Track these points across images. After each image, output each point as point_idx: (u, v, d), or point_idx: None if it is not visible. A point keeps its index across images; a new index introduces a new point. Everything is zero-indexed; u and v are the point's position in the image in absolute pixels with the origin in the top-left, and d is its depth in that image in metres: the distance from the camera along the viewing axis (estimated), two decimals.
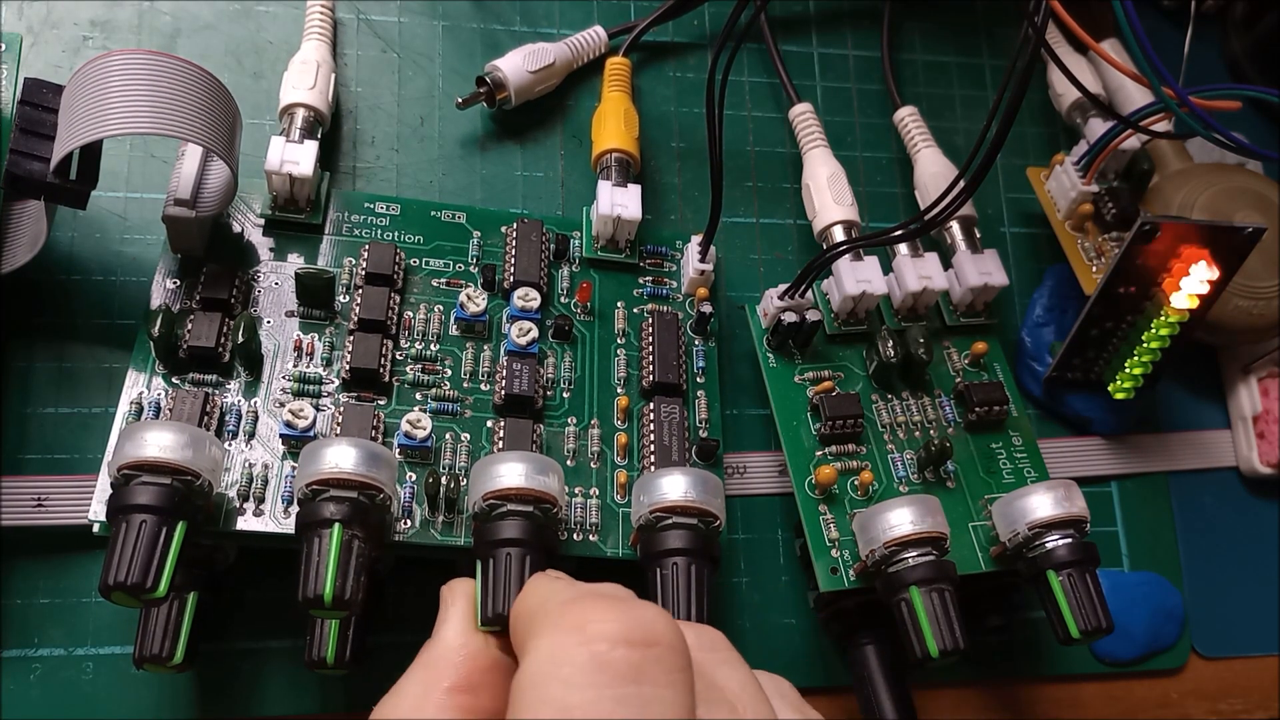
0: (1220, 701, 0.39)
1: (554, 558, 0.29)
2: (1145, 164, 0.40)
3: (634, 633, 0.20)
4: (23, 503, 0.31)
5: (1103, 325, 0.38)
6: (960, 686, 0.37)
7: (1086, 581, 0.31)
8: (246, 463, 0.31)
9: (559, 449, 0.33)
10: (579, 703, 0.19)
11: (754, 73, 0.44)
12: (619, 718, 0.19)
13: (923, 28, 0.46)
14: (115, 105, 0.29)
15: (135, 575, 0.26)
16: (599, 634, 0.19)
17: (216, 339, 0.31)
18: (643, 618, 0.20)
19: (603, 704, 0.19)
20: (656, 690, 0.19)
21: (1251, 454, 0.41)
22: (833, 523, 0.33)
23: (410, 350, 0.34)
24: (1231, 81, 0.48)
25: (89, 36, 0.38)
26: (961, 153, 0.41)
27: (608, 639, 0.19)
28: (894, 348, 0.36)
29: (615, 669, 0.19)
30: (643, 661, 0.19)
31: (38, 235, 0.32)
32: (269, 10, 0.40)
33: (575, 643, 0.20)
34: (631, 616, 0.20)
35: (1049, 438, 0.40)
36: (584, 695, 0.19)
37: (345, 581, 0.26)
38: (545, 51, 0.40)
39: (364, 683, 0.33)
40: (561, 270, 0.37)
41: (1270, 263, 0.39)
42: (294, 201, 0.35)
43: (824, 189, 0.38)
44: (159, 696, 0.32)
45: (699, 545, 0.29)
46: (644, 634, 0.20)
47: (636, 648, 0.19)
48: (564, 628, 0.20)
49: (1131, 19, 0.32)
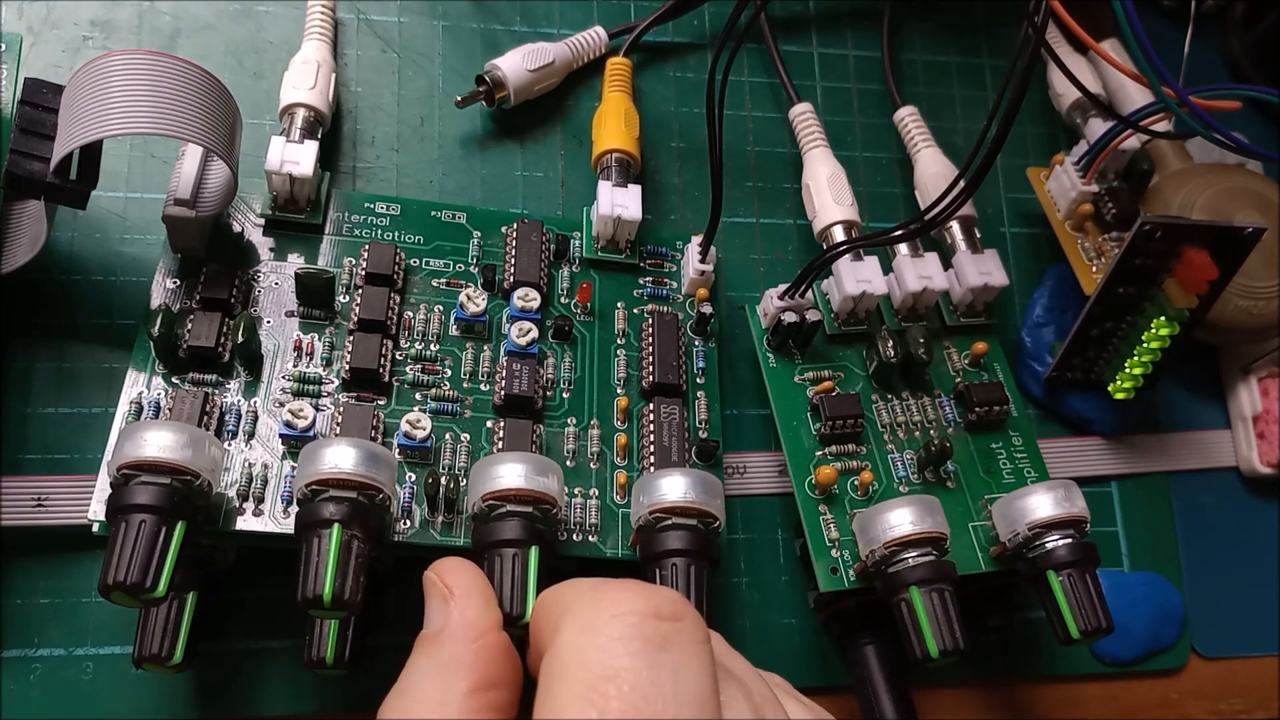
0: (1220, 701, 0.39)
1: (553, 558, 0.29)
2: (1145, 164, 0.40)
3: (661, 608, 0.21)
4: (23, 503, 0.31)
5: (1103, 325, 0.38)
6: (960, 686, 0.37)
7: (1086, 581, 0.31)
8: (246, 463, 0.31)
9: (559, 449, 0.33)
10: (618, 666, 0.20)
11: (754, 73, 0.44)
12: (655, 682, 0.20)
13: (923, 28, 0.46)
14: (115, 105, 0.29)
15: (135, 575, 0.26)
16: (630, 608, 0.21)
17: (216, 339, 0.31)
18: (667, 595, 0.22)
19: (639, 667, 0.20)
20: (685, 657, 0.21)
21: (1251, 454, 0.41)
22: (833, 523, 0.33)
23: (410, 350, 0.34)
24: (1231, 81, 0.48)
25: (89, 36, 0.38)
26: (961, 153, 0.41)
27: (638, 612, 0.21)
28: (894, 348, 0.36)
29: (648, 637, 0.21)
30: (671, 631, 0.21)
31: (38, 235, 0.32)
32: (269, 10, 0.40)
33: (609, 616, 0.21)
34: (657, 594, 0.22)
35: (1049, 438, 0.40)
36: (621, 661, 0.20)
37: (345, 581, 0.26)
38: (545, 51, 0.40)
39: (363, 683, 0.33)
40: (561, 270, 0.37)
41: (1270, 263, 0.39)
42: (294, 201, 0.35)
43: (824, 189, 0.38)
44: (159, 696, 0.32)
45: (698, 546, 0.29)
46: (670, 609, 0.22)
47: (665, 620, 0.21)
48: (597, 605, 0.22)
49: (1131, 19, 0.32)
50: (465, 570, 0.26)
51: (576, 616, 0.22)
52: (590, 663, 0.21)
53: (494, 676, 0.24)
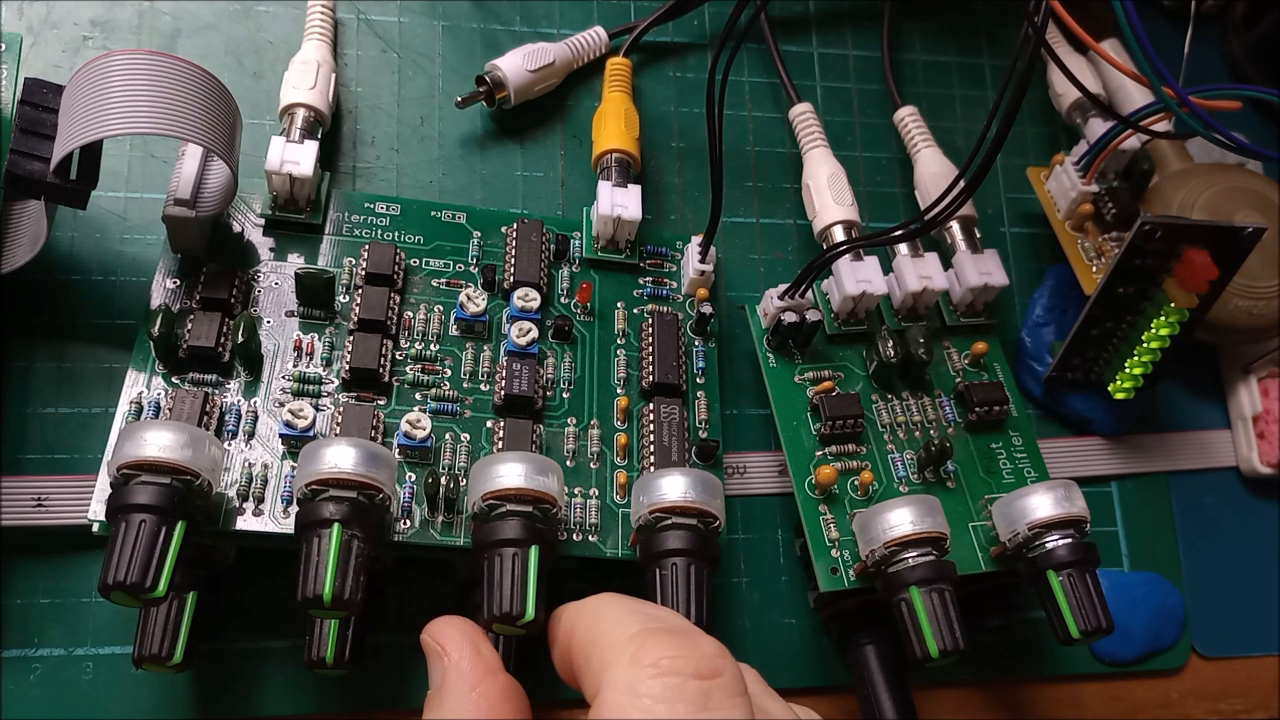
0: (1220, 701, 0.39)
1: (553, 558, 0.29)
2: (1145, 164, 0.40)
3: (701, 665, 0.22)
4: (23, 503, 0.31)
5: (1103, 325, 0.38)
6: (960, 686, 0.37)
7: (1086, 581, 0.31)
8: (246, 462, 0.31)
9: (559, 449, 0.33)
10: None
11: (754, 73, 0.44)
12: None
13: (923, 28, 0.46)
14: (115, 105, 0.29)
15: (135, 575, 0.26)
16: (670, 668, 0.22)
17: (216, 339, 0.31)
18: (706, 652, 0.23)
19: None
20: (725, 714, 0.22)
21: (1251, 454, 0.41)
22: (833, 523, 0.33)
23: (410, 350, 0.34)
24: (1231, 81, 0.48)
25: (89, 36, 0.38)
26: (961, 153, 0.41)
27: (679, 672, 0.22)
28: (894, 348, 0.36)
29: (689, 698, 0.22)
30: (710, 689, 0.22)
31: (38, 235, 0.32)
32: (269, 10, 0.40)
33: (649, 675, 0.22)
34: (698, 651, 0.23)
35: (1049, 438, 0.40)
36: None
37: (344, 581, 0.26)
38: (545, 51, 0.40)
39: (363, 683, 0.33)
40: (561, 270, 0.37)
41: (1270, 263, 0.39)
42: (294, 201, 0.35)
43: (824, 189, 0.38)
44: (159, 696, 0.32)
45: (698, 545, 0.29)
46: (710, 667, 0.23)
47: (705, 678, 0.22)
48: (638, 663, 0.23)
49: (1131, 19, 0.32)
50: (453, 626, 0.28)
51: (618, 676, 0.23)
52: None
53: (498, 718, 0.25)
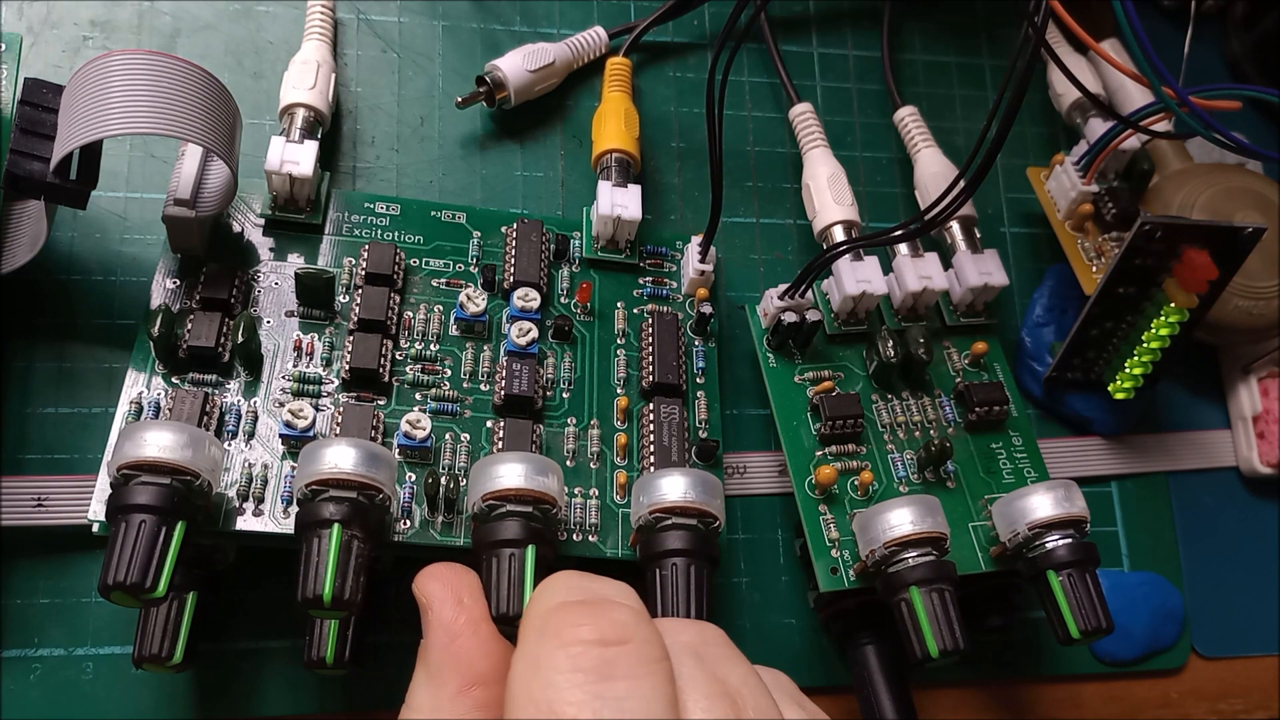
0: (1220, 701, 0.39)
1: (553, 558, 0.29)
2: (1145, 164, 0.40)
3: (607, 633, 0.21)
4: (23, 503, 0.31)
5: (1103, 325, 0.38)
6: (960, 686, 0.37)
7: (1086, 581, 0.31)
8: (246, 463, 0.31)
9: (558, 449, 0.33)
10: (561, 700, 0.20)
11: (754, 73, 0.44)
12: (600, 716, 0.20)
13: (923, 28, 0.46)
14: (115, 105, 0.29)
15: (135, 575, 0.26)
16: (574, 637, 0.21)
17: (216, 339, 0.31)
18: (614, 619, 0.22)
19: (583, 702, 0.20)
20: (630, 683, 0.21)
21: (1251, 454, 0.41)
22: (833, 523, 0.33)
23: (410, 350, 0.34)
24: (1231, 81, 0.48)
25: (89, 36, 0.38)
26: (961, 153, 0.41)
27: (581, 640, 0.21)
28: (894, 348, 0.36)
29: (591, 668, 0.21)
30: (615, 657, 0.21)
31: (38, 235, 0.32)
32: (269, 10, 0.40)
33: (552, 648, 0.21)
34: (604, 619, 0.22)
35: (1049, 438, 0.40)
36: (564, 694, 0.20)
37: (344, 581, 0.26)
38: (545, 51, 0.40)
39: (363, 683, 0.33)
40: (561, 270, 0.37)
41: (1270, 263, 0.39)
42: (294, 201, 0.35)
43: (824, 189, 0.38)
44: (159, 696, 0.32)
45: (698, 546, 0.29)
46: (616, 633, 0.21)
47: (609, 646, 0.21)
48: (545, 633, 0.22)
49: (1131, 19, 0.32)
50: (436, 577, 0.27)
51: (527, 649, 0.22)
52: (537, 702, 0.21)
53: (475, 674, 0.25)
